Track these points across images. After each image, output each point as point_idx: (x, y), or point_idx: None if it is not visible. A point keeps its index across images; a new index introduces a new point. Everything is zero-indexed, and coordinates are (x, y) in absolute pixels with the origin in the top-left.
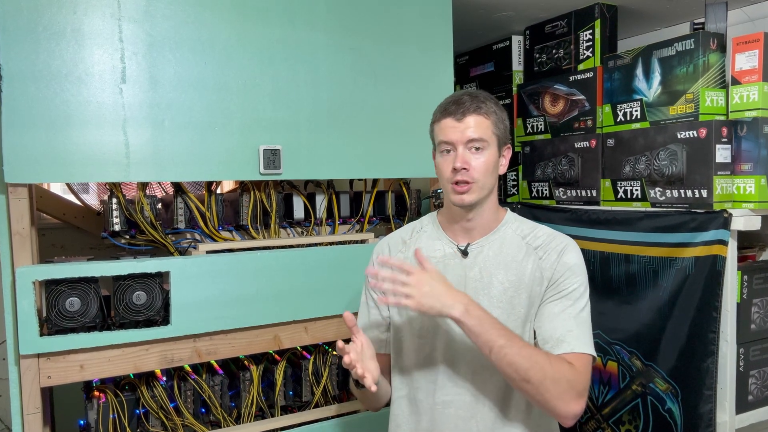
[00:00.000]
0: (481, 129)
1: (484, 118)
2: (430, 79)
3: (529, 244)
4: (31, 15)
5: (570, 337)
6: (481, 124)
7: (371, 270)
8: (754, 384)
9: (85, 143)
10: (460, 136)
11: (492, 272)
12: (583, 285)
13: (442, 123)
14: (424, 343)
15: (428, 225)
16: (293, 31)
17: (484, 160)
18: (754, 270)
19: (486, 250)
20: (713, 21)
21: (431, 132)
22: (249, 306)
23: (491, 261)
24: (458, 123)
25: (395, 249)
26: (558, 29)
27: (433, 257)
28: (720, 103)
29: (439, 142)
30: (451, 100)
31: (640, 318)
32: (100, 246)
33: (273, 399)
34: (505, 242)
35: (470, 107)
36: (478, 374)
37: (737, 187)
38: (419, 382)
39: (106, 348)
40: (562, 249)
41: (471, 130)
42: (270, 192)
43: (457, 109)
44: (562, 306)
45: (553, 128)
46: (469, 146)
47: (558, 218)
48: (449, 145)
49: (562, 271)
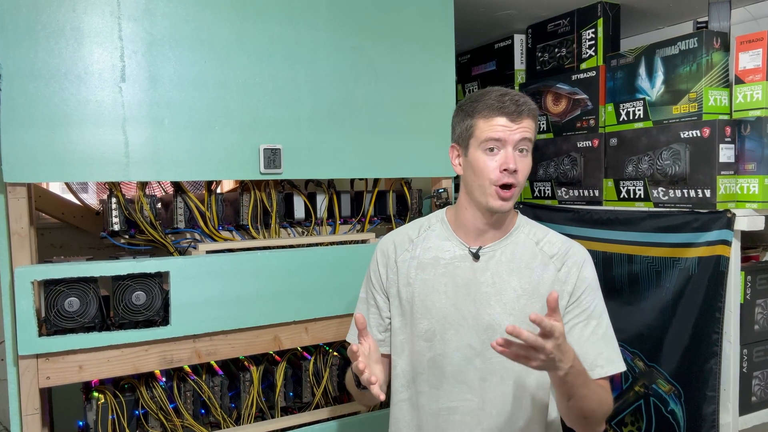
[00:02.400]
0: (531, 131)
1: (533, 122)
2: (432, 78)
3: (544, 252)
4: (30, 13)
5: (601, 360)
6: (531, 127)
7: (511, 329)
8: (758, 385)
9: (84, 142)
10: (513, 136)
11: (505, 278)
12: (601, 298)
13: (493, 120)
14: (429, 347)
15: (437, 224)
16: (293, 29)
17: (528, 163)
18: (758, 270)
19: (498, 254)
20: (716, 20)
21: (468, 127)
22: (249, 306)
23: (504, 266)
24: (513, 123)
25: (401, 247)
26: (560, 28)
27: (442, 258)
28: (723, 102)
29: (487, 138)
30: (508, 99)
31: (642, 319)
32: (100, 246)
33: (273, 400)
34: (518, 247)
35: (526, 109)
36: (487, 380)
37: (741, 187)
38: (422, 386)
39: (105, 348)
40: (581, 263)
41: (525, 131)
42: (270, 191)
43: (516, 109)
44: (591, 328)
45: (556, 127)
46: (517, 147)
47: (560, 218)
48: (498, 143)
49: (583, 288)
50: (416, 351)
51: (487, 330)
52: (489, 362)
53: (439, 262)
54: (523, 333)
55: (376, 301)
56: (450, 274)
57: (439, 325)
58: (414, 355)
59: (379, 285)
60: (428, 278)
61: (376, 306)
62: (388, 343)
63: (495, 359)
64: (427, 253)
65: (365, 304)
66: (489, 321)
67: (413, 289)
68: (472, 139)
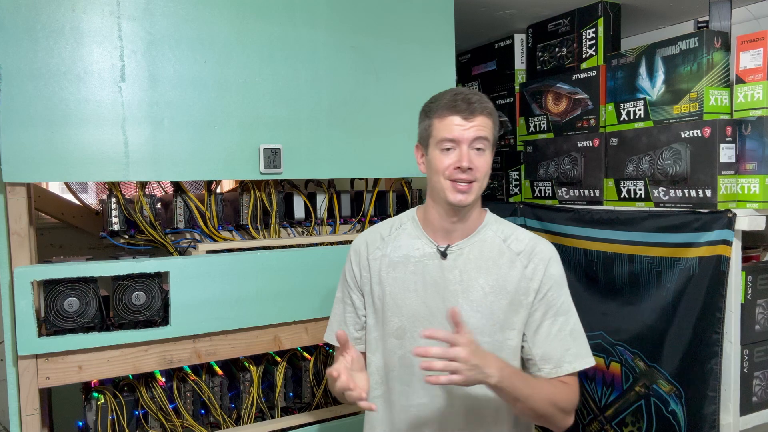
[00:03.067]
0: (486, 129)
1: (489, 119)
2: (432, 77)
3: (511, 249)
4: (29, 13)
5: (569, 356)
6: (487, 124)
7: (420, 350)
8: (759, 385)
9: (83, 142)
10: (467, 134)
11: (472, 276)
12: (568, 295)
13: (447, 120)
14: (400, 344)
15: (407, 222)
16: (294, 29)
17: (486, 161)
18: (759, 270)
19: (466, 252)
20: (717, 19)
21: (427, 127)
22: (249, 306)
23: (472, 264)
24: (466, 121)
25: (373, 246)
26: (561, 27)
27: (412, 256)
28: (724, 102)
29: (442, 138)
30: (460, 98)
31: (643, 319)
32: (99, 246)
33: (273, 400)
34: (486, 245)
35: (479, 107)
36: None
37: (741, 187)
38: (393, 383)
39: (104, 349)
40: (548, 260)
41: (478, 129)
42: (270, 191)
43: (467, 107)
44: (558, 324)
45: (556, 127)
46: (473, 146)
47: (561, 218)
48: (452, 142)
49: (550, 284)
50: (388, 349)
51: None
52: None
53: (409, 261)
54: (438, 332)
55: (352, 300)
56: (420, 272)
57: (409, 322)
58: (386, 352)
59: (354, 283)
60: (399, 276)
61: (353, 305)
62: (364, 341)
63: None
64: (398, 252)
65: (342, 303)
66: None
67: (384, 287)
68: (431, 138)
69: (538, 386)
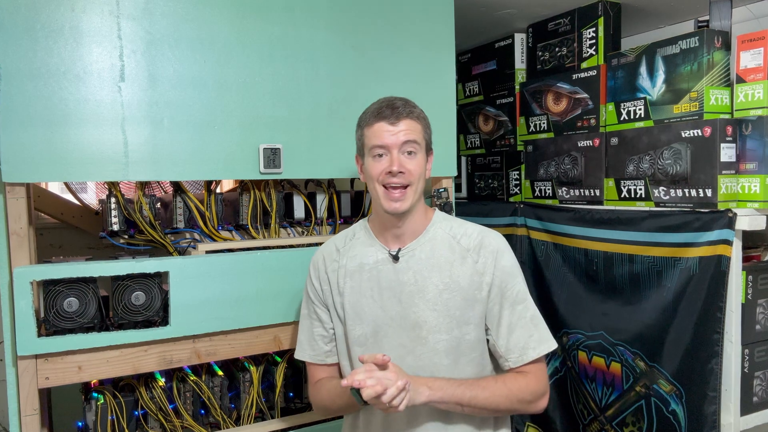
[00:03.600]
0: (415, 132)
1: (416, 123)
2: (432, 77)
3: (462, 245)
4: (28, 12)
5: (533, 342)
6: (415, 128)
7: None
8: (759, 385)
9: (83, 142)
10: (395, 139)
11: (426, 275)
12: (523, 282)
13: (375, 127)
14: (364, 351)
15: (360, 231)
16: (294, 28)
17: (418, 163)
18: (759, 270)
19: (417, 253)
20: (718, 18)
21: (360, 137)
22: (249, 306)
23: (424, 264)
24: (392, 127)
25: (330, 258)
26: (561, 27)
27: (366, 263)
28: (724, 101)
29: (372, 146)
30: (384, 105)
31: (643, 319)
32: (99, 246)
33: (273, 400)
34: (436, 244)
35: (403, 111)
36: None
37: (742, 187)
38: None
39: (104, 349)
40: (496, 252)
41: (406, 133)
42: (270, 191)
43: (392, 113)
44: (518, 313)
45: (556, 127)
46: (403, 150)
47: (561, 218)
48: (383, 149)
49: (503, 277)
50: (354, 356)
51: (414, 328)
52: (419, 359)
53: (364, 268)
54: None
55: (318, 314)
56: (375, 278)
57: (370, 329)
58: (353, 359)
59: (317, 298)
60: (355, 285)
61: (319, 319)
62: (335, 352)
63: (425, 356)
64: (353, 261)
65: (308, 319)
66: (415, 319)
67: (344, 297)
68: (365, 147)
69: (488, 386)
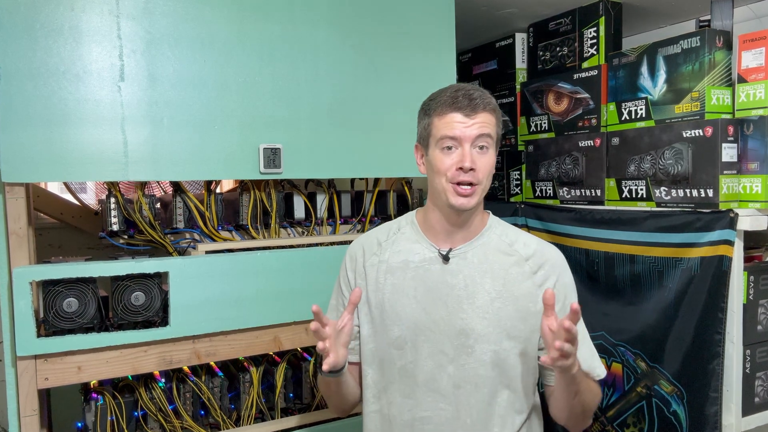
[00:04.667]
0: (490, 126)
1: (492, 116)
2: (433, 76)
3: (519, 253)
4: (28, 12)
5: (595, 361)
6: (490, 121)
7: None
8: (761, 386)
9: (82, 142)
10: (469, 132)
11: (477, 281)
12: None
13: (447, 117)
14: (400, 355)
15: (406, 226)
16: (294, 28)
17: (489, 161)
18: (761, 270)
19: (470, 256)
20: (719, 18)
21: (426, 125)
22: (249, 307)
23: (476, 268)
24: (467, 119)
25: (370, 251)
26: (562, 26)
27: (412, 261)
28: (726, 101)
29: (442, 137)
30: (461, 94)
31: (645, 319)
32: (98, 246)
33: (273, 401)
34: (490, 248)
35: (481, 103)
36: (461, 388)
37: (743, 187)
38: (393, 396)
39: (104, 349)
40: (560, 268)
41: (481, 126)
42: (270, 191)
43: (469, 103)
44: (581, 332)
45: (557, 127)
46: (476, 144)
47: (562, 218)
48: (454, 141)
49: (565, 292)
50: (387, 359)
51: (459, 335)
52: (462, 369)
53: (408, 266)
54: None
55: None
56: (420, 277)
57: (409, 331)
58: (384, 363)
59: (348, 291)
60: (397, 282)
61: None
62: (357, 352)
63: (468, 366)
64: (397, 257)
65: (335, 311)
66: (462, 326)
67: (383, 294)
68: (431, 138)
69: (589, 380)
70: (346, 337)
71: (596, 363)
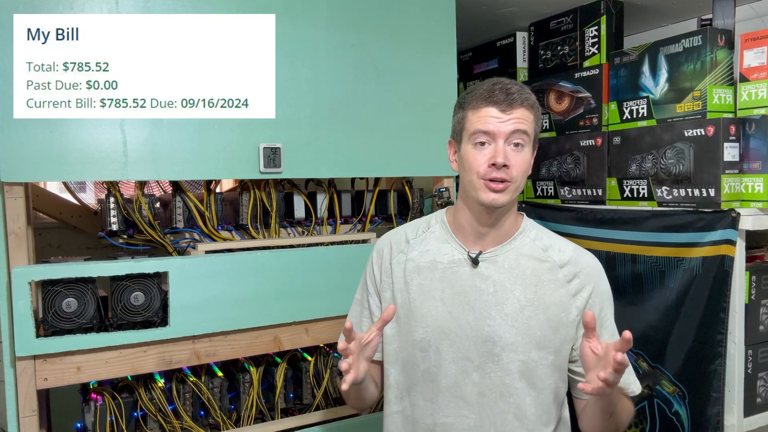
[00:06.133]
0: (527, 123)
1: (530, 112)
2: (433, 76)
3: (553, 259)
4: (27, 11)
5: (631, 377)
6: (527, 118)
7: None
8: (763, 386)
9: (82, 141)
10: (504, 128)
11: (508, 287)
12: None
13: (482, 111)
14: (424, 357)
15: (436, 225)
16: (294, 27)
17: (524, 159)
18: (763, 270)
19: (501, 260)
20: (721, 17)
21: (460, 119)
22: (249, 307)
23: (507, 274)
24: (503, 114)
25: (397, 248)
26: (563, 25)
27: (440, 262)
28: (728, 100)
29: (475, 131)
30: (498, 88)
31: (646, 319)
32: (98, 246)
33: (273, 401)
34: (522, 253)
35: (518, 98)
36: (486, 397)
37: (745, 186)
38: (416, 399)
39: (103, 349)
40: (597, 276)
41: (516, 122)
42: (270, 191)
43: (506, 98)
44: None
45: (558, 126)
46: (510, 140)
47: (563, 218)
48: (487, 136)
49: (602, 303)
50: (410, 361)
51: (486, 342)
52: (488, 377)
53: (436, 267)
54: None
55: (369, 304)
56: (447, 279)
57: (434, 335)
58: (407, 364)
59: (372, 287)
60: (424, 283)
61: (369, 309)
62: (380, 350)
63: (494, 374)
64: (425, 256)
65: (359, 306)
66: (489, 333)
67: (408, 294)
68: (464, 132)
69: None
70: (370, 352)
71: (632, 378)
